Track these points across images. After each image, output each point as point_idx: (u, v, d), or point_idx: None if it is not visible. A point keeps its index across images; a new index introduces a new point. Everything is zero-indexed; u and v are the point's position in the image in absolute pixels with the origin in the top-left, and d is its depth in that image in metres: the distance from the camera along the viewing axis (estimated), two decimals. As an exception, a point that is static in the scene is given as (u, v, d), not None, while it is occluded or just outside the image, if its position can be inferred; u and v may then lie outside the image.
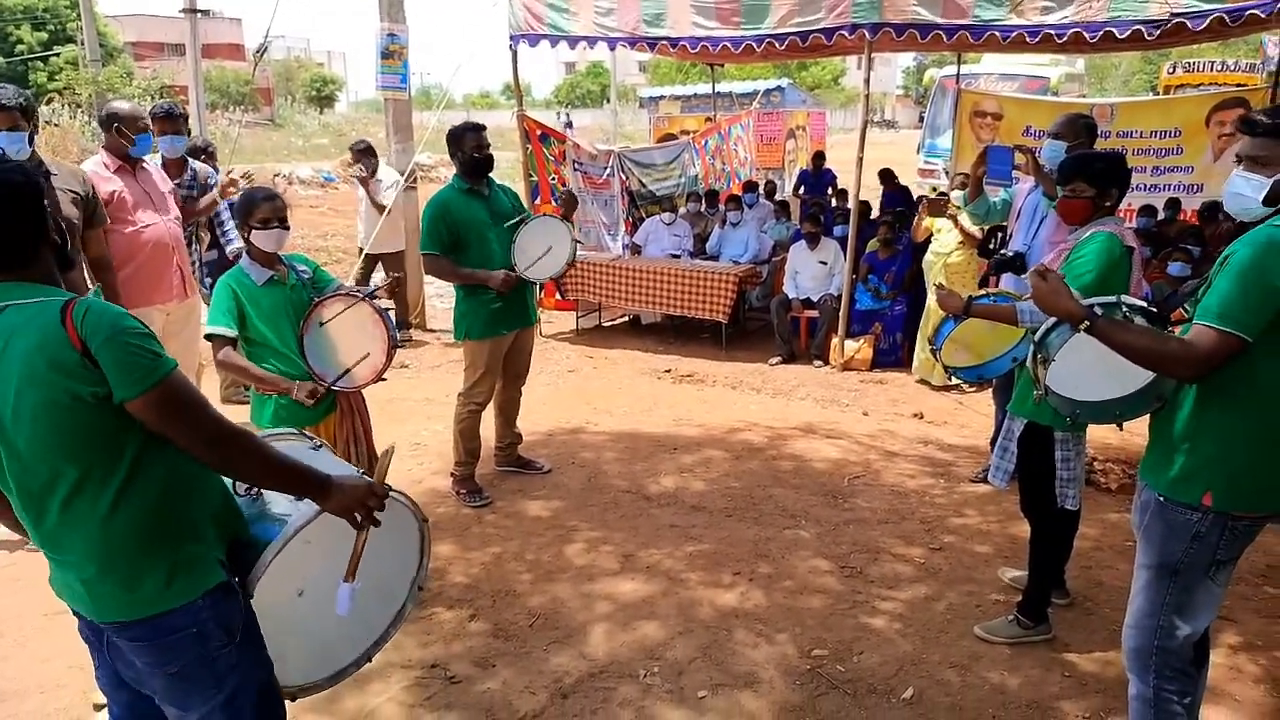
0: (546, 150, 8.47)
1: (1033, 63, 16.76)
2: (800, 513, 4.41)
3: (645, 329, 8.58)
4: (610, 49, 7.84)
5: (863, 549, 4.03)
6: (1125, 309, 2.30)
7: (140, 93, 22.40)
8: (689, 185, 10.12)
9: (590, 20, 7.16)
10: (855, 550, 4.02)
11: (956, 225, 6.29)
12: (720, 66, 11.67)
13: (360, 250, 7.79)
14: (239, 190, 4.66)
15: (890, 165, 10.50)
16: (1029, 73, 16.98)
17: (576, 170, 8.74)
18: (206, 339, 3.21)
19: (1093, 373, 2.36)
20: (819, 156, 12.06)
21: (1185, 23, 5.47)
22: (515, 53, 7.55)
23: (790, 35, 6.54)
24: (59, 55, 28.51)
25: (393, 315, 4.00)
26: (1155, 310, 2.32)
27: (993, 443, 4.65)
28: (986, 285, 5.49)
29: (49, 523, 1.71)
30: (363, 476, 1.95)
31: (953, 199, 6.63)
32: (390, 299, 7.28)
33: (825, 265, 7.46)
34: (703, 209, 9.33)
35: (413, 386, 6.58)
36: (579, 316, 8.53)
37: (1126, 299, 2.35)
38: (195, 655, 1.76)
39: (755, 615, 3.49)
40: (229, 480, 1.92)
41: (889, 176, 10.01)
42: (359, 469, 2.15)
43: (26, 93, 3.70)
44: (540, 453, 5.15)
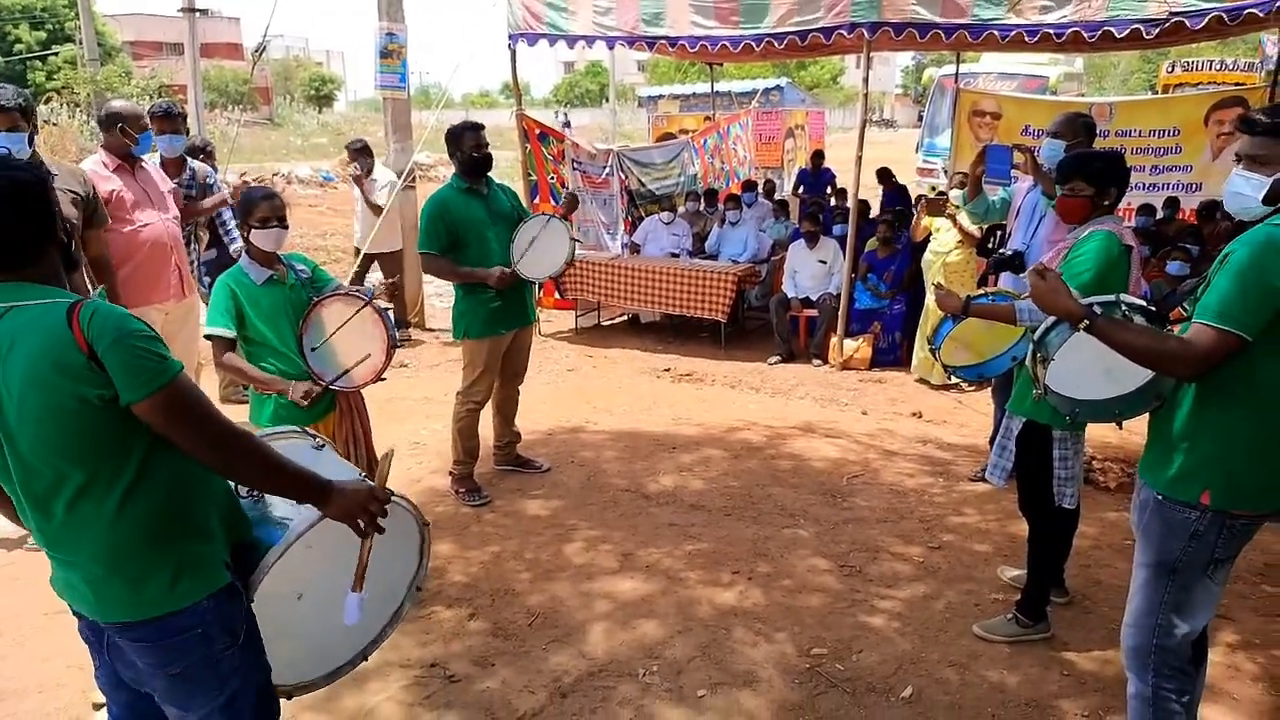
0: (545, 149, 8.47)
1: (1031, 62, 16.76)
2: (799, 512, 4.41)
3: (644, 328, 8.58)
4: (609, 48, 7.83)
5: (862, 548, 4.03)
6: (1124, 308, 2.30)
7: (139, 92, 22.39)
8: (688, 184, 10.10)
9: (589, 19, 7.16)
10: (854, 549, 4.02)
11: (955, 225, 6.30)
12: (719, 66, 11.68)
13: (356, 250, 7.77)
14: None
15: (889, 164, 10.52)
16: (1028, 72, 16.98)
17: (575, 169, 8.73)
18: (205, 339, 3.21)
19: (1092, 371, 2.37)
20: (818, 155, 12.07)
21: (1184, 22, 5.47)
22: (514, 52, 7.54)
23: (789, 34, 6.54)
24: (57, 54, 28.49)
25: (391, 315, 4.00)
26: (1154, 309, 2.32)
27: (992, 441, 4.65)
28: (985, 284, 5.50)
29: (54, 524, 1.70)
30: (364, 480, 1.95)
31: (951, 198, 6.63)
32: (390, 301, 7.26)
33: (824, 264, 7.46)
34: (701, 208, 9.32)
35: (412, 386, 6.58)
36: (578, 316, 8.52)
37: (1125, 298, 2.35)
38: (199, 656, 1.76)
39: (754, 614, 3.49)
40: (232, 482, 1.92)
41: (887, 175, 10.03)
42: (361, 472, 2.15)
43: (26, 93, 3.68)
44: (539, 452, 5.15)
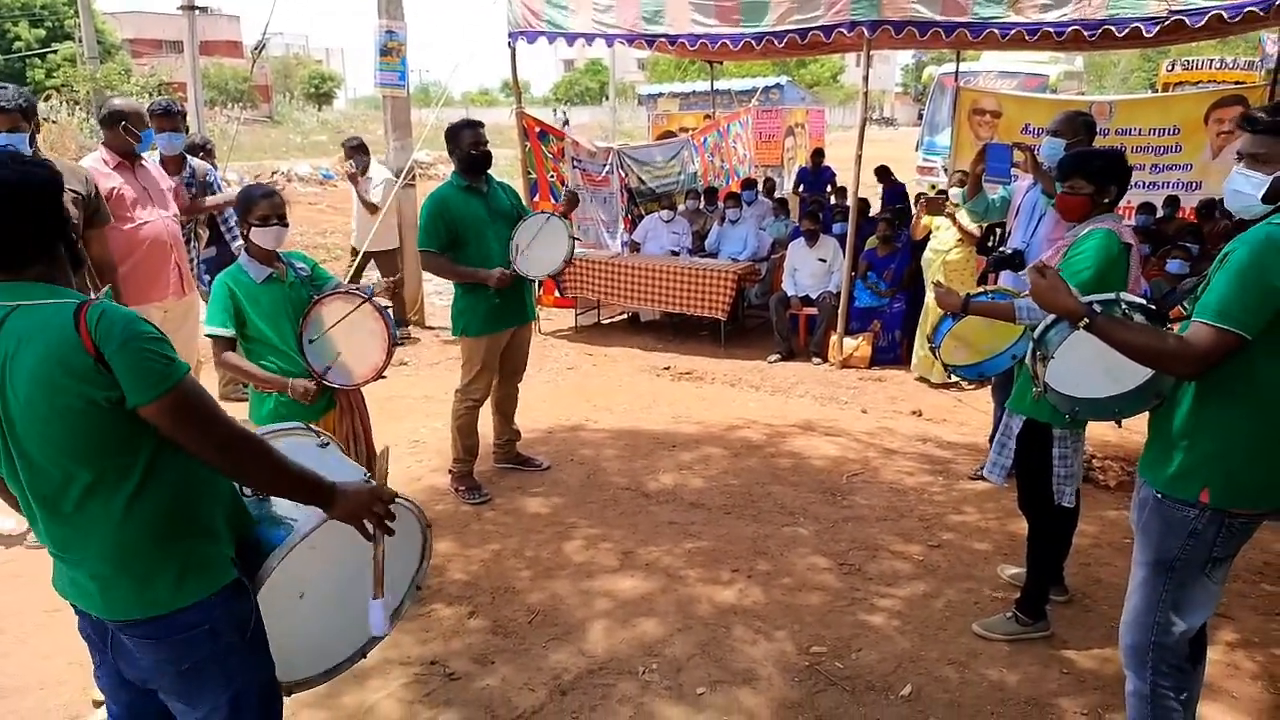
0: (545, 148, 8.46)
1: (1032, 60, 16.74)
2: (799, 510, 4.42)
3: (644, 326, 8.58)
4: (609, 46, 7.83)
5: (861, 546, 4.04)
6: (1124, 306, 2.30)
7: (138, 90, 22.38)
8: (688, 182, 10.09)
9: (589, 17, 7.15)
10: (854, 547, 4.03)
11: (955, 224, 6.30)
12: (719, 64, 11.66)
13: (353, 250, 7.74)
14: None
15: (889, 163, 10.52)
16: (1028, 70, 16.96)
17: (575, 167, 8.72)
18: (205, 338, 3.21)
19: (1091, 370, 2.37)
20: (818, 154, 12.07)
21: (1184, 20, 5.47)
22: (514, 50, 7.54)
23: (789, 33, 6.54)
24: (57, 52, 28.47)
25: (391, 313, 3.99)
26: (1154, 308, 2.32)
27: (992, 440, 4.66)
28: (985, 282, 5.50)
29: (61, 524, 1.70)
30: (368, 480, 1.95)
31: (951, 196, 6.64)
32: (390, 300, 7.25)
33: (824, 263, 7.46)
34: (701, 206, 9.31)
35: (411, 384, 6.58)
36: (578, 314, 8.52)
37: (1125, 296, 2.35)
38: (207, 653, 1.76)
39: (754, 612, 3.50)
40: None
41: (885, 174, 10.04)
42: (365, 471, 2.15)
43: (27, 93, 3.66)
44: (539, 450, 5.15)
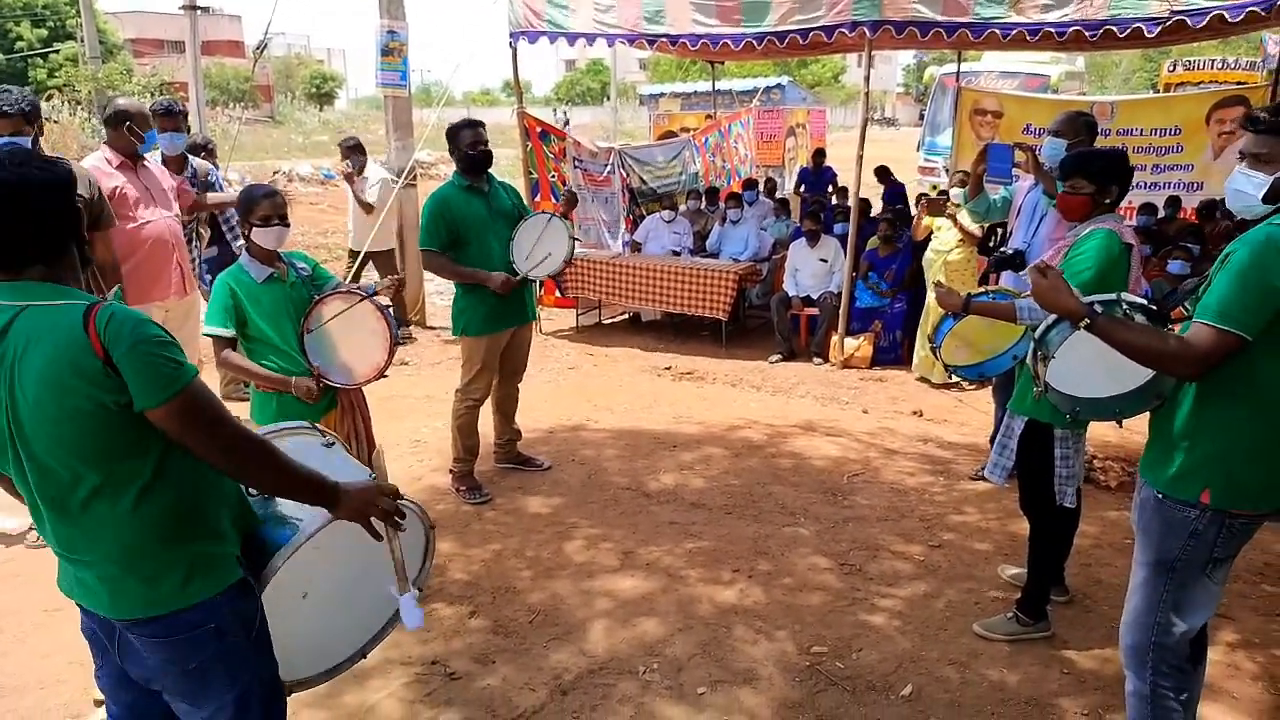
0: (546, 147, 8.47)
1: (1033, 60, 16.76)
2: (800, 510, 4.42)
3: (645, 326, 8.58)
4: (610, 46, 7.83)
5: (862, 546, 4.04)
6: (1125, 306, 2.30)
7: (140, 89, 22.41)
8: (689, 183, 10.10)
9: (590, 17, 7.15)
10: (854, 548, 4.03)
11: (956, 224, 6.29)
12: (720, 64, 11.67)
13: (351, 253, 7.72)
14: None
15: (890, 163, 10.53)
16: (1029, 70, 16.97)
17: (577, 167, 8.72)
18: (205, 337, 3.21)
19: (1092, 370, 2.37)
20: (819, 154, 12.07)
21: (1185, 20, 5.47)
22: (515, 50, 7.54)
23: (790, 33, 6.54)
24: (58, 52, 28.52)
25: (392, 312, 3.99)
26: (1155, 308, 2.32)
27: (992, 440, 4.65)
28: (986, 283, 5.49)
29: (67, 524, 1.70)
30: (372, 480, 1.95)
31: (952, 196, 6.63)
32: (393, 299, 7.24)
33: (825, 263, 7.46)
34: (703, 206, 9.32)
35: (413, 384, 6.59)
36: (579, 314, 8.52)
37: (1126, 296, 2.34)
38: (214, 651, 1.76)
39: (754, 612, 3.50)
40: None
41: (885, 173, 10.05)
42: (370, 470, 2.15)
43: (31, 96, 3.64)
44: (540, 450, 5.15)
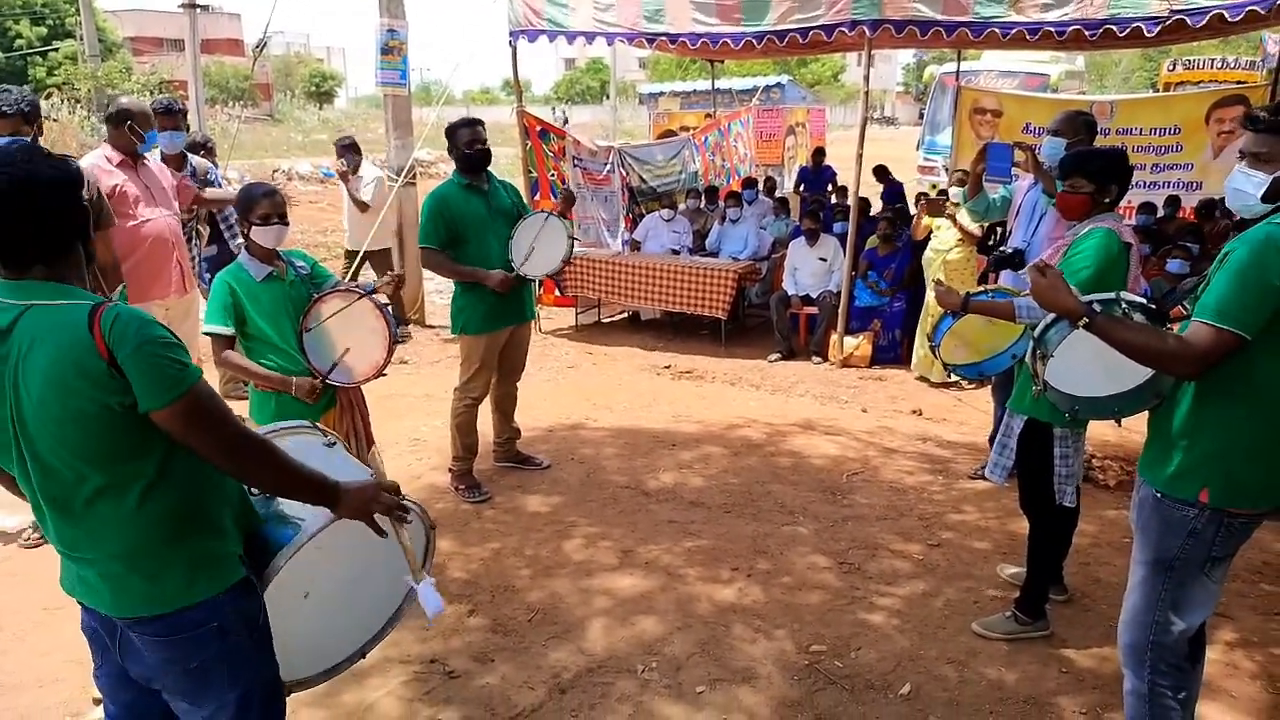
0: (546, 146, 8.46)
1: (1033, 60, 16.76)
2: (799, 509, 4.42)
3: (644, 325, 8.58)
4: (609, 44, 7.82)
5: (861, 545, 4.04)
6: (1124, 305, 2.30)
7: (139, 88, 22.41)
8: (689, 181, 10.10)
9: (589, 16, 7.15)
10: (853, 546, 4.03)
11: (955, 224, 6.29)
12: (720, 63, 11.67)
13: (348, 252, 7.71)
14: None
15: (890, 162, 10.54)
16: (1029, 70, 16.98)
17: (576, 166, 8.72)
18: (204, 336, 3.21)
19: (1091, 369, 2.37)
20: (819, 153, 12.07)
21: (1185, 20, 5.47)
22: (515, 48, 7.54)
23: (790, 32, 6.53)
24: (58, 50, 28.53)
25: (391, 311, 3.99)
26: (1154, 307, 2.32)
27: (991, 439, 4.65)
28: (985, 281, 5.50)
29: (70, 523, 1.69)
30: (372, 478, 1.95)
31: (951, 195, 6.63)
32: (390, 298, 7.21)
33: (825, 262, 7.46)
34: (702, 205, 9.31)
35: (412, 382, 6.59)
36: (578, 313, 8.52)
37: (1125, 295, 2.34)
38: (216, 651, 1.76)
39: (753, 611, 3.50)
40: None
41: (883, 173, 10.05)
42: (371, 470, 2.15)
43: (31, 96, 3.62)
44: (539, 448, 5.15)
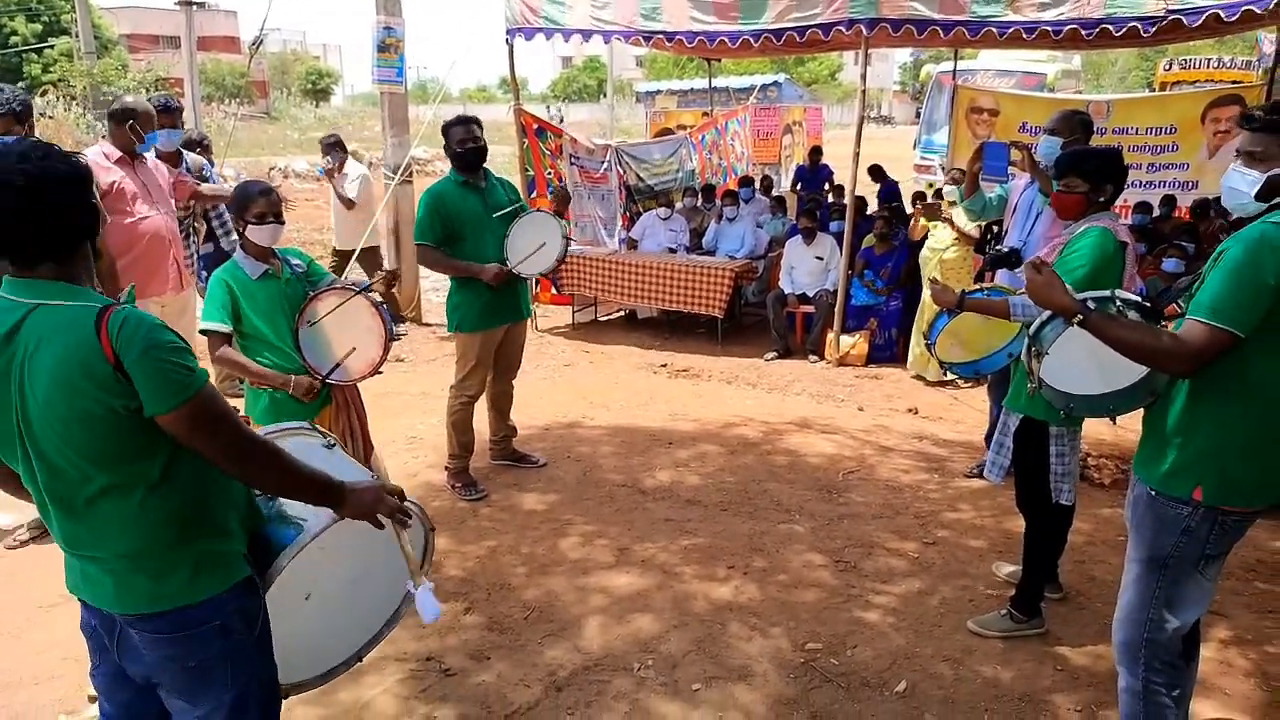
0: (543, 144, 8.45)
1: (1029, 59, 16.75)
2: (795, 507, 4.42)
3: (641, 324, 8.58)
4: (606, 43, 7.81)
5: (857, 543, 4.04)
6: (1119, 303, 2.30)
7: (135, 85, 22.36)
8: (686, 180, 10.10)
9: (586, 14, 7.13)
10: (849, 545, 4.03)
11: (953, 228, 6.28)
12: (717, 61, 11.66)
13: (335, 251, 7.72)
14: None
15: (887, 161, 10.56)
16: (1025, 69, 16.97)
17: (573, 164, 8.71)
18: (202, 334, 3.21)
19: (1086, 366, 2.37)
20: (816, 152, 12.08)
21: (1181, 19, 5.48)
22: (512, 46, 7.53)
23: (787, 30, 6.53)
24: (53, 47, 28.43)
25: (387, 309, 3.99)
26: (1149, 305, 2.32)
27: (987, 438, 4.67)
28: (982, 280, 5.51)
29: (74, 521, 1.69)
30: (374, 480, 1.96)
31: (946, 193, 6.64)
32: (384, 295, 7.21)
33: (821, 261, 7.46)
34: (699, 204, 9.32)
35: (408, 380, 6.58)
36: (575, 311, 8.52)
37: (1120, 293, 2.35)
38: (217, 649, 1.76)
39: (749, 609, 3.50)
40: None
41: (878, 172, 10.07)
42: (371, 472, 2.16)
43: (23, 95, 3.62)
44: (536, 447, 5.15)
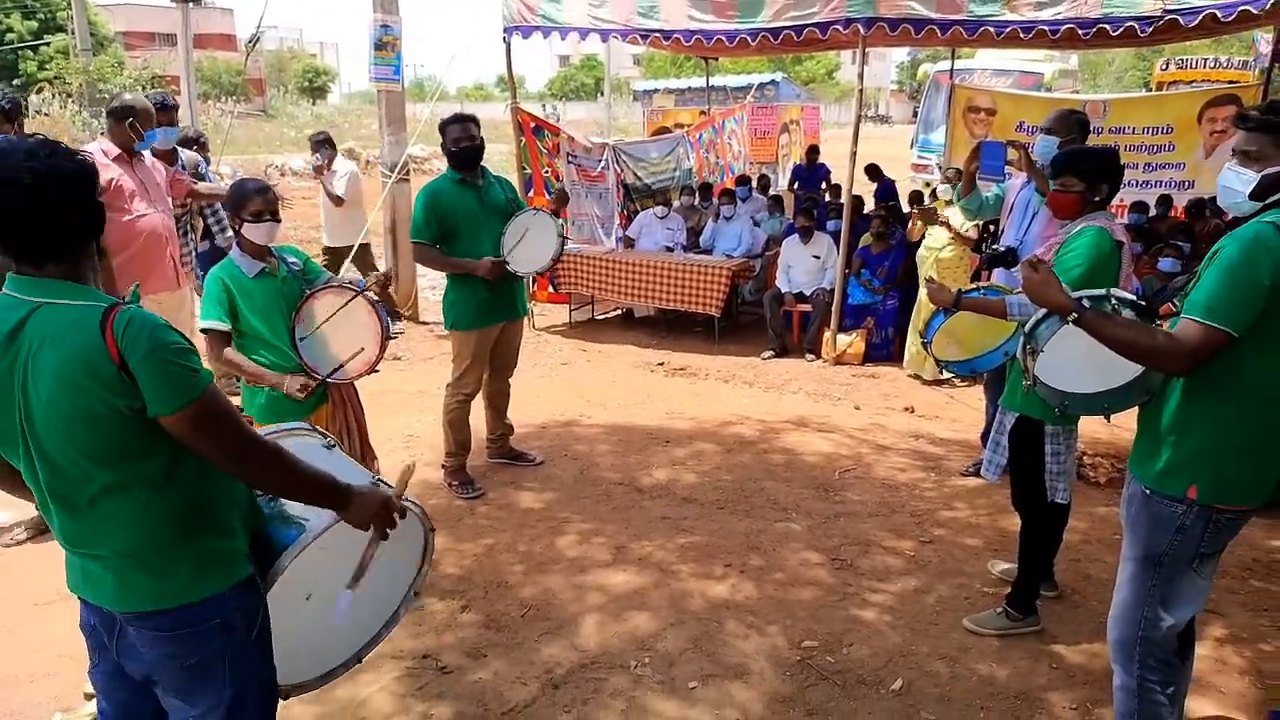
0: (540, 143, 8.44)
1: (1026, 58, 16.78)
2: (791, 506, 4.43)
3: (638, 322, 8.58)
4: (603, 40, 7.81)
5: (853, 542, 4.05)
6: (1114, 302, 2.31)
7: (131, 82, 22.31)
8: (683, 179, 10.09)
9: (583, 12, 7.13)
10: (846, 543, 4.04)
11: (950, 230, 6.28)
12: (714, 60, 11.67)
13: (325, 249, 7.72)
14: None
15: (884, 160, 10.58)
16: (1023, 68, 17.01)
17: (571, 163, 8.70)
18: (203, 333, 3.20)
19: (1081, 365, 2.38)
20: (813, 151, 12.10)
21: (1178, 19, 5.49)
22: (509, 45, 7.52)
23: (785, 29, 6.53)
24: (49, 44, 28.36)
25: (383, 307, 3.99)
26: (1144, 304, 2.33)
27: (983, 437, 4.67)
28: (978, 279, 5.51)
29: (77, 520, 1.69)
30: (378, 486, 1.96)
31: (940, 193, 6.64)
32: (380, 295, 7.21)
33: (818, 259, 7.47)
34: (696, 203, 9.32)
35: (405, 379, 6.58)
36: (572, 310, 8.52)
37: (1116, 292, 2.35)
38: (217, 647, 1.76)
39: (746, 607, 3.51)
40: None
41: (875, 171, 10.09)
42: (373, 474, 2.16)
43: (11, 94, 3.62)
44: (533, 445, 5.15)
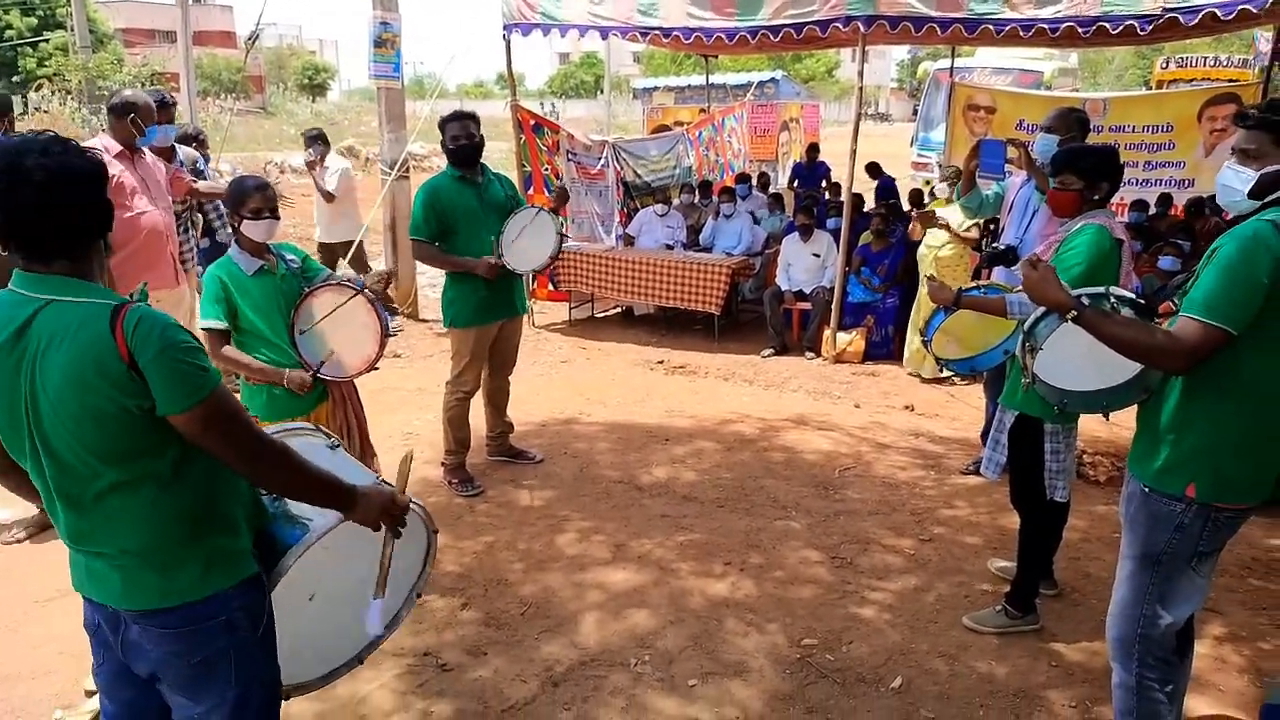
0: (540, 141, 8.44)
1: (1026, 57, 16.77)
2: (791, 504, 4.43)
3: (638, 320, 8.59)
4: (603, 39, 7.80)
5: (853, 540, 4.06)
6: (1113, 300, 2.31)
7: (130, 80, 22.27)
8: (683, 176, 10.09)
9: (583, 10, 7.12)
10: (845, 541, 4.04)
11: (950, 232, 6.28)
12: (714, 58, 11.66)
13: (320, 245, 7.74)
14: None
15: (884, 158, 10.60)
16: (1022, 66, 16.99)
17: (570, 161, 8.70)
18: (202, 332, 3.20)
19: (1081, 363, 2.38)
20: (813, 149, 12.11)
21: (1178, 18, 5.49)
22: (509, 42, 7.52)
23: (785, 27, 6.53)
24: (49, 41, 28.33)
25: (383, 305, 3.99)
26: (1143, 302, 2.33)
27: (983, 436, 4.67)
28: (978, 278, 5.51)
29: (81, 516, 1.69)
30: (382, 484, 1.96)
31: (938, 191, 6.64)
32: (381, 294, 7.20)
33: (818, 257, 7.47)
34: (696, 200, 9.31)
35: (405, 376, 6.58)
36: (572, 308, 8.52)
37: (1115, 290, 2.36)
38: (222, 645, 1.76)
39: (746, 605, 3.51)
40: None
41: (875, 169, 10.10)
42: (376, 474, 2.16)
43: (1, 91, 3.65)
44: (533, 443, 5.16)
